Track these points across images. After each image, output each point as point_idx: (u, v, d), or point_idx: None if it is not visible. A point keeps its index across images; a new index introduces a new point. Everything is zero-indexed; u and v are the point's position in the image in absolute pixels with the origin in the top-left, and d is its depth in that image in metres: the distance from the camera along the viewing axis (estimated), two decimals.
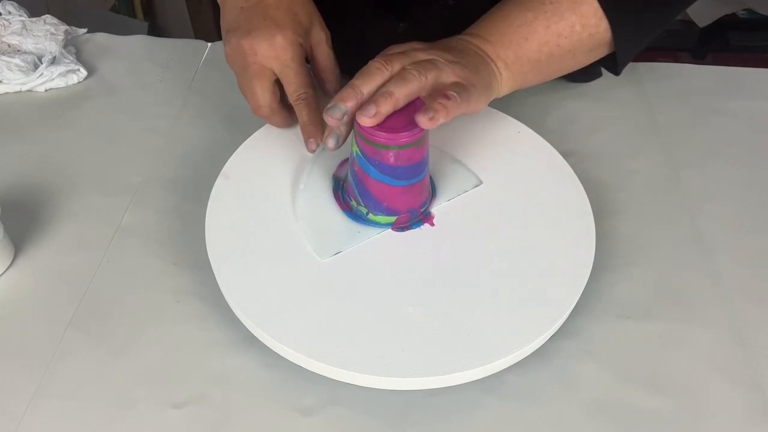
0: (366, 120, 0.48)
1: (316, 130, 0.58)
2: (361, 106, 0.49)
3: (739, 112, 0.73)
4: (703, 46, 1.83)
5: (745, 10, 1.77)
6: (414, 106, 0.51)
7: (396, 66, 0.51)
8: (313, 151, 0.58)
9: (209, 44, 0.81)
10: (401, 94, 0.49)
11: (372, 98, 0.49)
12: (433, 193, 0.57)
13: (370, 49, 0.55)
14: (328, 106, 0.50)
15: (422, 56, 0.52)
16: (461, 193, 0.58)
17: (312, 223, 0.55)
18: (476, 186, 0.58)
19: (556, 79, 0.64)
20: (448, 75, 0.52)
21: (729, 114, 0.73)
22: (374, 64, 0.51)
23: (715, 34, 1.80)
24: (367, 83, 0.50)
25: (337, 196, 0.57)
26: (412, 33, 0.58)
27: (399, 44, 0.55)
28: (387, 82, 0.50)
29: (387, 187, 0.53)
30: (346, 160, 0.57)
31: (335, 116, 0.50)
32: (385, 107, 0.48)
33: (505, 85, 0.59)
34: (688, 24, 1.78)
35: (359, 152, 0.52)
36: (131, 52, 0.80)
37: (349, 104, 0.49)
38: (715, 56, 1.80)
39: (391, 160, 0.51)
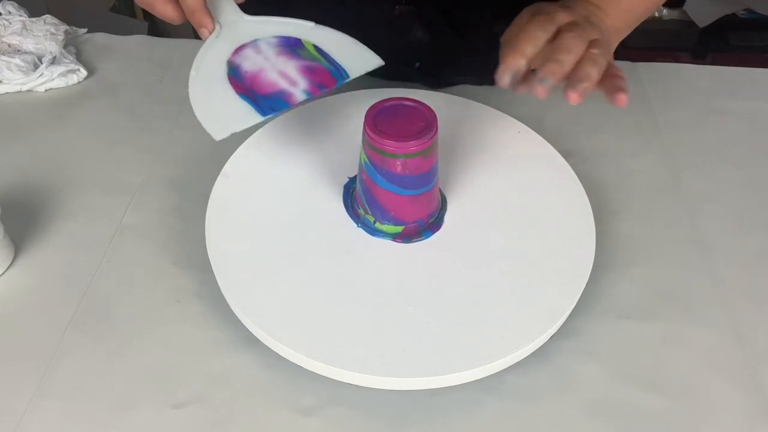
0: (575, 97, 0.50)
1: (205, 16, 0.56)
2: (571, 81, 0.50)
3: (739, 112, 0.73)
4: (703, 46, 1.83)
5: (745, 10, 1.77)
6: (422, 115, 0.51)
7: (581, 41, 0.52)
8: (206, 38, 0.57)
9: None
10: (597, 76, 0.51)
11: (576, 77, 0.50)
12: (339, 75, 0.56)
13: (366, 30, 0.55)
14: (539, 76, 0.50)
15: (591, 32, 0.53)
16: (363, 73, 0.56)
17: (206, 106, 0.54)
18: (377, 65, 0.56)
19: None
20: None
21: (729, 114, 0.73)
22: (568, 40, 0.51)
23: (715, 34, 1.80)
24: (569, 59, 0.51)
25: (232, 81, 0.56)
26: (408, 15, 0.57)
27: (541, 4, 0.56)
28: (581, 58, 0.51)
29: (394, 197, 0.53)
30: (243, 46, 0.57)
31: (546, 88, 0.50)
32: (589, 86, 0.50)
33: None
34: (688, 24, 1.78)
35: (367, 160, 0.52)
36: (131, 52, 0.80)
37: (557, 77, 0.50)
38: (715, 56, 1.80)
39: (399, 168, 0.51)
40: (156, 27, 1.79)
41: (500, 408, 0.48)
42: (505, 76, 0.51)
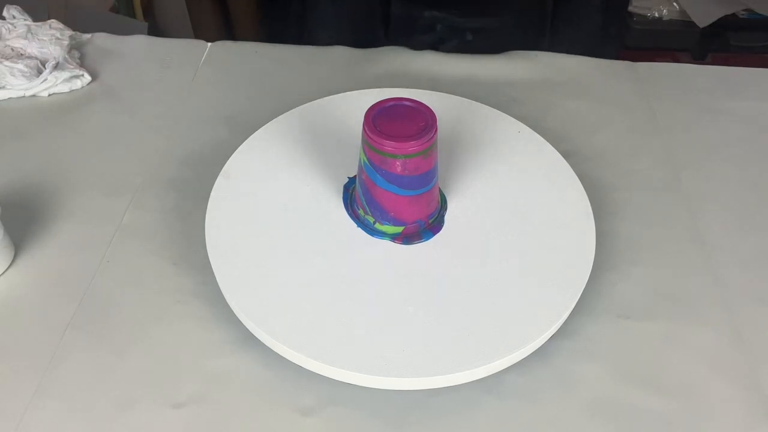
0: None
1: None
2: None
3: (739, 112, 0.73)
4: (703, 46, 1.82)
5: (745, 10, 1.77)
6: (422, 115, 0.51)
7: None
8: None
9: (209, 44, 0.81)
10: None
11: None
12: None
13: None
14: None
15: None
16: None
17: None
18: None
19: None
20: None
21: (729, 114, 0.73)
22: None
23: (715, 34, 1.80)
24: None
25: None
26: None
27: None
28: None
29: (394, 197, 0.53)
30: None
31: None
32: None
33: None
34: (688, 24, 1.78)
35: (366, 161, 0.52)
36: (131, 53, 0.80)
37: None
38: (715, 56, 1.80)
39: (398, 169, 0.51)
40: (156, 27, 1.79)
41: (500, 408, 0.48)
42: None
